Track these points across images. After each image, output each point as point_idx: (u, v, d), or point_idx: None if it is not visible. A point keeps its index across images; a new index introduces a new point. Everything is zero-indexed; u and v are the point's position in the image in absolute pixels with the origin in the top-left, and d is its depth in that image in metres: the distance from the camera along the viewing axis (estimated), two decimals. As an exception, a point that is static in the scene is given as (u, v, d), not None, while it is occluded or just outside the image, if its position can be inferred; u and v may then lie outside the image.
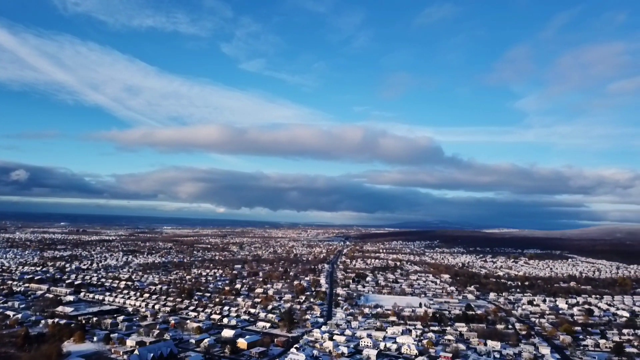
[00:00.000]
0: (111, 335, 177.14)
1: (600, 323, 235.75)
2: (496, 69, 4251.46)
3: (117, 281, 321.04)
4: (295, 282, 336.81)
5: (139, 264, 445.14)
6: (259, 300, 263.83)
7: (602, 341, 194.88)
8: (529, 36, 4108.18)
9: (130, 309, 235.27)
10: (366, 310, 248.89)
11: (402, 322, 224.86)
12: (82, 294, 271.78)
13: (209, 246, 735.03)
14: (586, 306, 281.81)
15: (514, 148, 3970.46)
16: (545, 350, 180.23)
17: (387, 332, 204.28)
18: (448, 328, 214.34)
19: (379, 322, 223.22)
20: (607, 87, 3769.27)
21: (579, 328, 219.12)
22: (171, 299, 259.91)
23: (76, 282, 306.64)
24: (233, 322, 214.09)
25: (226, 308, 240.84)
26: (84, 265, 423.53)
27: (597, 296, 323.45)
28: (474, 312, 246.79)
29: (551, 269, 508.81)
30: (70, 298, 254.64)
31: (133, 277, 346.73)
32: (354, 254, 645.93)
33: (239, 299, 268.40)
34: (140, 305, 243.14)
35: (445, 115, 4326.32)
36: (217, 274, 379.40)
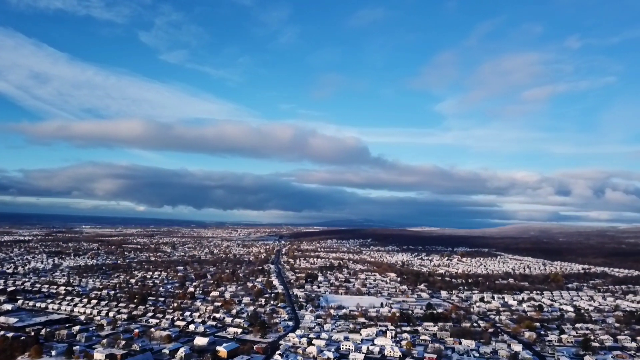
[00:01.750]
0: (73, 348, 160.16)
1: (553, 318, 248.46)
2: (422, 73, 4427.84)
3: (54, 286, 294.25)
4: (249, 284, 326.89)
5: (70, 267, 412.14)
6: (219, 304, 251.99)
7: (563, 336, 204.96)
8: (454, 43, 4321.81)
9: (82, 318, 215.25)
10: (332, 312, 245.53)
11: (372, 323, 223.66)
12: (19, 301, 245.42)
13: (138, 246, 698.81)
14: (532, 302, 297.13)
15: (436, 150, 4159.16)
16: (517, 347, 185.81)
17: (361, 334, 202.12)
18: (419, 328, 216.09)
19: (351, 324, 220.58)
20: (521, 94, 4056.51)
21: (537, 324, 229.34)
22: (123, 304, 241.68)
23: (9, 289, 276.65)
24: (201, 328, 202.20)
25: (187, 313, 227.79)
26: (8, 269, 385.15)
27: (538, 292, 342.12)
28: (436, 311, 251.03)
29: (485, 266, 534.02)
30: (9, 307, 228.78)
31: (71, 281, 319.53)
32: (294, 253, 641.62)
33: (197, 303, 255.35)
34: (91, 313, 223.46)
35: (372, 116, 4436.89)
36: (162, 277, 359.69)
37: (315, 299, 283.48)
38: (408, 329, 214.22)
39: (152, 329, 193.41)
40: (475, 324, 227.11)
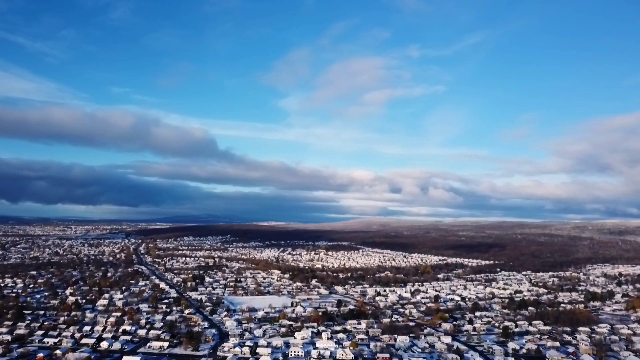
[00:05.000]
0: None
1: (454, 308, 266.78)
2: (273, 69, 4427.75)
3: None
4: (135, 289, 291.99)
5: None
6: (118, 314, 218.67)
7: (476, 325, 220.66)
8: (308, 42, 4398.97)
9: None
10: (248, 315, 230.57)
11: (298, 324, 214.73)
12: None
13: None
14: (424, 294, 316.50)
15: (282, 146, 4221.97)
16: (446, 339, 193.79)
17: (296, 337, 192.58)
18: (347, 326, 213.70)
19: (277, 327, 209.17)
20: (363, 96, 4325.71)
21: (447, 315, 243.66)
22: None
23: None
24: (117, 345, 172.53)
25: (87, 328, 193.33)
26: None
27: (419, 283, 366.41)
28: (355, 309, 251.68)
29: (353, 259, 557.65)
30: None
31: None
32: (156, 252, 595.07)
33: (90, 315, 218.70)
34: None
35: (220, 107, 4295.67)
36: (21, 285, 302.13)
37: (219, 302, 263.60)
38: (338, 328, 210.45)
39: (58, 351, 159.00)
40: (393, 319, 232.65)
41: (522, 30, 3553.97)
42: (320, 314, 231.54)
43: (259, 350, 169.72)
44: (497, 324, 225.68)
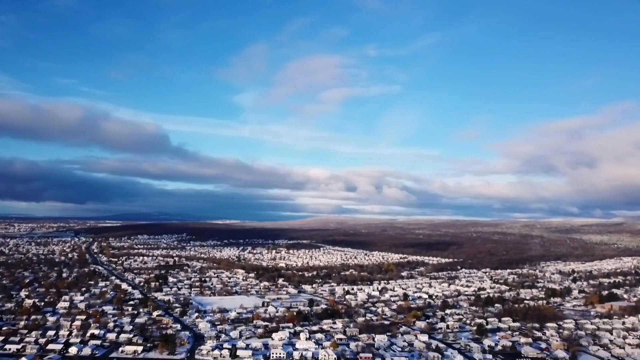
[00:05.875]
0: None
1: (422, 306, 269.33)
2: (229, 64, 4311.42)
3: None
4: (96, 291, 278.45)
5: None
6: (82, 317, 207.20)
7: (449, 323, 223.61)
8: (267, 38, 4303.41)
9: None
10: (220, 316, 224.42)
11: (273, 325, 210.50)
12: None
13: None
14: (391, 292, 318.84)
15: (237, 142, 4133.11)
16: (423, 337, 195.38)
17: (274, 339, 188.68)
18: (324, 326, 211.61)
19: (252, 328, 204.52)
20: (320, 94, 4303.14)
21: (419, 313, 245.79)
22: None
23: None
24: (87, 350, 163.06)
25: (51, 333, 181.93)
26: None
27: (385, 282, 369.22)
28: (322, 307, 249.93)
29: (315, 258, 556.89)
30: None
31: None
32: (110, 251, 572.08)
33: (51, 318, 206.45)
34: None
35: (172, 102, 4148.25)
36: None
37: (188, 303, 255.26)
38: (315, 328, 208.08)
39: (24, 359, 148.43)
40: (367, 318, 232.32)
41: (475, 33, 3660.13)
42: (295, 314, 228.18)
43: (239, 352, 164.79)
44: (468, 321, 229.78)
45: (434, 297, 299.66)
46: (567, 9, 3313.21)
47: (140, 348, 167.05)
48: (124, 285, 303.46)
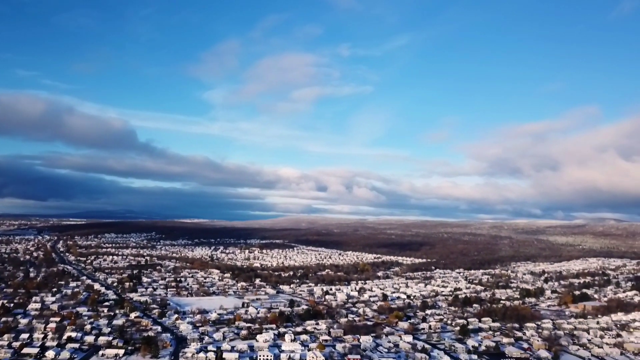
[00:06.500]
0: None
1: (402, 307, 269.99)
2: (201, 59, 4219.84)
3: None
4: (67, 292, 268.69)
5: None
6: (56, 319, 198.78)
7: (431, 323, 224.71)
8: (239, 34, 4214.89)
9: None
10: (197, 317, 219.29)
11: (256, 326, 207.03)
12: None
13: None
14: (370, 292, 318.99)
15: (206, 140, 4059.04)
16: (407, 338, 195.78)
17: (258, 340, 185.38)
18: (308, 327, 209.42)
19: (235, 329, 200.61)
20: (291, 92, 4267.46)
21: (400, 313, 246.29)
22: None
23: None
24: (65, 354, 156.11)
25: (24, 336, 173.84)
26: None
27: (362, 282, 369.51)
28: (303, 308, 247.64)
29: (290, 257, 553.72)
30: None
31: None
32: (77, 250, 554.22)
33: (23, 321, 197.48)
34: None
35: (140, 97, 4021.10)
36: None
37: (165, 304, 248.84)
38: (299, 329, 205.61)
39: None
40: (350, 319, 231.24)
41: (447, 35, 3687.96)
42: (277, 315, 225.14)
43: (225, 355, 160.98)
44: (449, 322, 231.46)
45: (412, 297, 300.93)
46: (536, 16, 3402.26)
47: (121, 351, 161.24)
48: (97, 286, 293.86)
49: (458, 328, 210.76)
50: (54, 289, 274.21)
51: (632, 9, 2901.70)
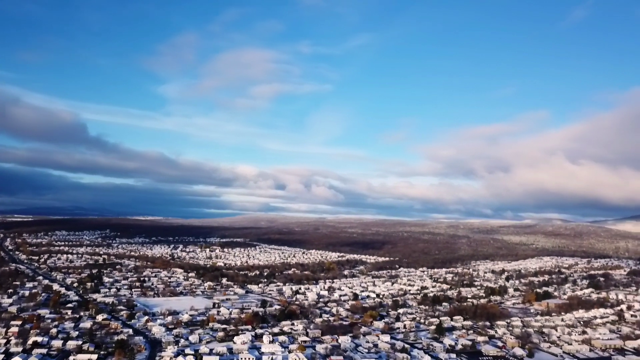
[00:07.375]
0: None
1: (374, 306, 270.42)
2: (156, 52, 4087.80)
3: None
4: (24, 293, 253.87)
5: None
6: (18, 322, 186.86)
7: (406, 323, 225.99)
8: (197, 26, 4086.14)
9: None
10: (169, 319, 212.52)
11: (232, 327, 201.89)
12: None
13: None
14: (339, 291, 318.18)
15: (161, 135, 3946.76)
16: (385, 338, 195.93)
17: (236, 342, 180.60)
18: (285, 328, 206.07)
19: (210, 331, 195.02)
20: (250, 89, 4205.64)
21: (374, 312, 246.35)
22: None
23: None
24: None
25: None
26: None
27: (330, 280, 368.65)
28: (275, 308, 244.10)
29: (253, 256, 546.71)
30: None
31: None
32: (27, 249, 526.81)
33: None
34: None
35: (92, 89, 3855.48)
36: None
37: (132, 305, 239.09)
38: (276, 330, 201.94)
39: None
40: (324, 319, 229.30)
41: (406, 37, 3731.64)
42: (252, 315, 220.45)
43: (205, 358, 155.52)
44: (422, 320, 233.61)
45: (381, 296, 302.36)
46: (491, 24, 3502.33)
47: (94, 356, 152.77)
48: (56, 286, 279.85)
49: (433, 327, 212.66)
50: (10, 290, 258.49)
51: (581, 19, 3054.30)
